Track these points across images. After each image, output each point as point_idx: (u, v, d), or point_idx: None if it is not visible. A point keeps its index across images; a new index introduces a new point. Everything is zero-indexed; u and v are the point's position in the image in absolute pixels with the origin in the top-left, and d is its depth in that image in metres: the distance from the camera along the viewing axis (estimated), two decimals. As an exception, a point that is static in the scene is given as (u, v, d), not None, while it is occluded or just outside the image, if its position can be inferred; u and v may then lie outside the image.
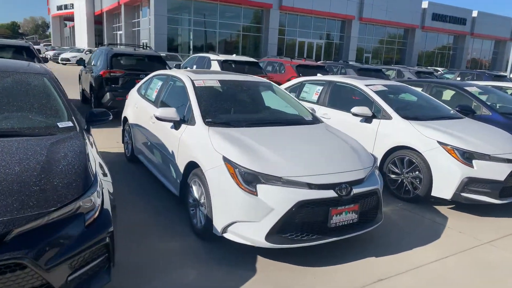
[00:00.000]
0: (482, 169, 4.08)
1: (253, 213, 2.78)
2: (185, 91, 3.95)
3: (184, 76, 4.21)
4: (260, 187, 2.80)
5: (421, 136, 4.43)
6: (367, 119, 5.01)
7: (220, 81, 4.21)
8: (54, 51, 36.91)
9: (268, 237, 2.77)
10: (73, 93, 11.74)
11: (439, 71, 25.62)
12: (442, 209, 4.35)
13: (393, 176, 4.65)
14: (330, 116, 5.50)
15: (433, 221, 4.00)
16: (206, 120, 3.51)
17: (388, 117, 4.83)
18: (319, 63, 12.56)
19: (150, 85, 5.06)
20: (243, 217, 2.81)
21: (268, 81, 4.74)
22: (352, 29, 35.04)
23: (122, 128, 5.69)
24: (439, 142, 4.27)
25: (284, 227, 2.80)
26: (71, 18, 49.31)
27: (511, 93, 8.35)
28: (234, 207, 2.83)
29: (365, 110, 4.94)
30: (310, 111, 4.33)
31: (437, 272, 3.02)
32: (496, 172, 4.07)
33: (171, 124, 3.76)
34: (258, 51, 31.31)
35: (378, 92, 5.20)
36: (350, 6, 33.75)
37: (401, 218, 4.05)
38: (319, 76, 6.42)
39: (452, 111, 5.50)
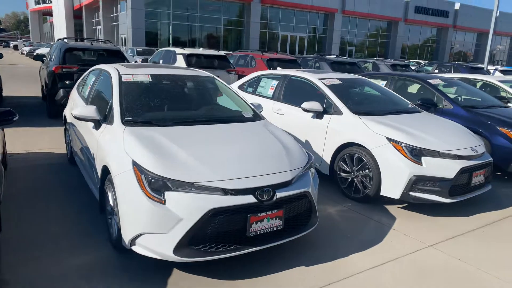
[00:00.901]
0: (431, 167, 3.86)
1: (160, 224, 2.49)
2: (111, 86, 3.63)
3: (113, 69, 3.88)
4: (168, 195, 2.51)
5: (370, 132, 4.19)
6: (318, 115, 4.75)
7: (153, 76, 3.89)
8: (31, 47, 35.95)
9: (177, 250, 2.49)
10: (36, 90, 11.27)
11: (421, 63, 25.58)
12: (392, 209, 4.13)
13: (343, 174, 4.42)
14: (284, 112, 5.23)
15: (379, 222, 3.77)
16: (125, 119, 3.19)
17: (339, 112, 4.58)
18: (292, 56, 12.27)
19: (86, 81, 4.72)
20: (150, 229, 2.52)
21: (210, 75, 4.43)
22: (335, 22, 34.82)
23: (64, 127, 5.34)
24: (388, 139, 4.03)
25: (196, 239, 2.52)
26: (50, 13, 48.10)
27: (480, 86, 8.21)
28: (140, 217, 2.54)
29: (315, 105, 4.68)
30: (253, 107, 4.05)
31: (370, 281, 2.79)
32: (446, 169, 3.86)
33: (93, 124, 3.44)
34: (240, 45, 30.89)
35: (331, 86, 4.95)
36: (333, -1, 33.54)
37: (346, 220, 3.81)
38: (277, 70, 6.14)
39: (410, 105, 5.28)
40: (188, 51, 9.72)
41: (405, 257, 3.13)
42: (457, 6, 42.07)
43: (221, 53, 10.25)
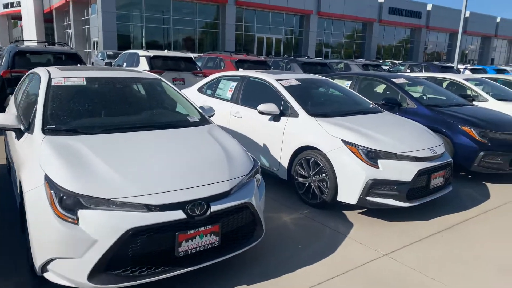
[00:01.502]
0: (388, 170, 3.67)
1: (73, 247, 2.18)
2: (38, 90, 3.29)
3: (44, 72, 3.54)
4: (82, 214, 2.21)
5: (326, 134, 3.98)
6: (275, 118, 4.52)
7: (89, 79, 3.56)
8: (-2, 52, 34.61)
9: (93, 276, 2.19)
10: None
11: (395, 63, 25.86)
12: (351, 214, 3.93)
13: (301, 179, 4.19)
14: (242, 115, 4.98)
15: (335, 230, 3.56)
16: (47, 127, 2.87)
17: (296, 115, 4.36)
18: (262, 58, 12.06)
19: (21, 85, 4.34)
20: (62, 253, 2.21)
21: (157, 77, 4.13)
22: (311, 24, 34.94)
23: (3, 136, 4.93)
24: (344, 141, 3.83)
25: (115, 262, 2.23)
26: (19, 17, 46.48)
27: (447, 84, 8.19)
28: (51, 240, 2.23)
29: (271, 108, 4.44)
30: (200, 111, 3.78)
31: (317, 298, 2.56)
32: (403, 172, 3.68)
33: (14, 133, 3.10)
34: (216, 47, 30.55)
35: (288, 87, 4.73)
36: (308, 1, 33.62)
37: (300, 229, 3.58)
38: (235, 71, 5.89)
39: (371, 105, 5.12)
40: (151, 53, 9.37)
41: (357, 269, 2.91)
42: (429, 7, 42.99)
43: (188, 55, 9.93)
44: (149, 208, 2.27)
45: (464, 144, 5.12)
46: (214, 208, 2.44)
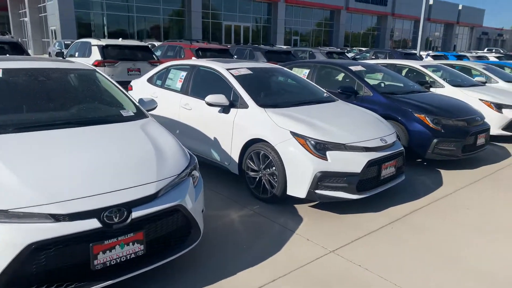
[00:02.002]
0: (336, 161, 3.54)
1: (-35, 266, 1.90)
2: None
3: (-47, 66, 3.14)
4: (-25, 227, 1.92)
5: (275, 126, 3.80)
6: (225, 109, 4.29)
7: (6, 70, 3.19)
8: None
9: (-10, 298, 1.92)
10: None
11: (362, 51, 26.10)
12: (302, 208, 3.79)
13: (251, 173, 4.01)
14: (192, 106, 4.71)
15: (283, 227, 3.40)
16: None
17: (245, 106, 4.15)
18: (224, 46, 11.72)
19: None
20: (-48, 273, 1.92)
21: (90, 67, 3.79)
22: (279, 12, 34.62)
23: None
24: (292, 133, 3.66)
25: (18, 281, 1.96)
26: (-30, 4, 43.41)
27: (406, 71, 8.20)
28: None
29: (220, 99, 4.21)
30: (137, 104, 3.50)
31: (255, 304, 2.39)
32: (352, 163, 3.56)
33: None
34: (182, 36, 29.73)
35: (239, 77, 4.50)
36: (275, -12, 33.26)
37: (248, 226, 3.40)
38: (186, 60, 5.58)
39: (325, 94, 4.98)
40: (104, 42, 8.84)
41: (301, 269, 2.77)
42: (395, -6, 43.62)
43: (142, 43, 9.47)
44: (56, 218, 2.00)
45: (419, 131, 5.09)
46: (136, 214, 2.21)
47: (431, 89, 7.35)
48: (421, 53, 19.80)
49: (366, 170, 3.59)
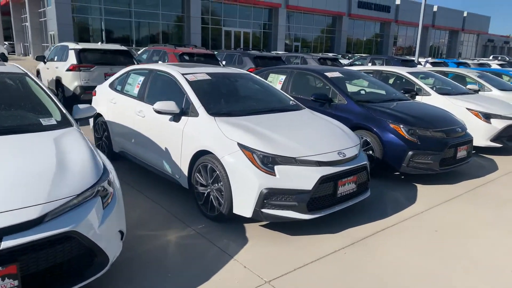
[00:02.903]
0: (286, 177, 3.18)
1: None
2: None
3: None
4: None
5: (222, 137, 3.46)
6: (175, 117, 3.96)
7: None
8: None
9: None
10: None
11: (359, 57, 25.74)
12: (251, 228, 3.43)
13: (200, 188, 3.66)
14: (145, 114, 4.39)
15: (223, 251, 3.04)
16: None
17: (196, 114, 3.82)
18: (209, 51, 11.41)
19: None
20: None
21: (20, 71, 3.49)
22: (280, 18, 34.44)
23: None
24: (240, 145, 3.32)
25: None
26: (-26, 9, 43.83)
27: (394, 79, 7.84)
28: None
29: (169, 106, 3.88)
30: (64, 111, 3.18)
31: None
32: (303, 179, 3.20)
33: None
34: (181, 41, 29.61)
35: (194, 83, 4.17)
36: (276, -6, 33.12)
37: (183, 250, 3.05)
38: (146, 64, 5.27)
39: (292, 102, 4.63)
40: (81, 45, 8.59)
41: (227, 303, 2.41)
42: (398, 1, 43.31)
43: (122, 47, 9.20)
44: None
45: (393, 142, 4.72)
46: (7, 243, 1.87)
47: (417, 97, 6.99)
48: (420, 59, 19.39)
49: (319, 187, 3.23)
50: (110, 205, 2.42)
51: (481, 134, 6.22)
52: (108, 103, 5.18)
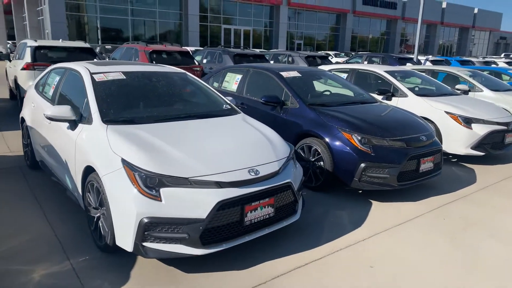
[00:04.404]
0: (174, 202, 2.55)
1: None
2: None
3: None
4: None
5: (108, 150, 2.84)
6: (71, 125, 3.37)
7: None
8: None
9: None
10: None
11: (353, 55, 24.86)
12: (145, 262, 2.81)
13: (93, 211, 3.04)
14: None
15: (87, 295, 2.44)
16: None
17: (90, 121, 3.22)
18: (183, 48, 10.77)
19: None
20: None
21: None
22: (281, 15, 33.69)
23: None
24: (123, 161, 2.70)
25: None
26: (-21, 8, 44.01)
27: (371, 78, 7.14)
28: None
29: (63, 112, 3.30)
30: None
31: None
32: (196, 205, 2.57)
33: None
34: (179, 40, 29.12)
35: (100, 83, 3.57)
36: (277, -9, 32.39)
37: (36, 294, 2.45)
38: (67, 64, 4.67)
39: (225, 106, 3.99)
40: (38, 43, 8.07)
41: None
42: (405, -3, 42.19)
43: (85, 45, 8.66)
44: None
45: (343, 153, 4.05)
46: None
47: (393, 99, 6.30)
48: (419, 57, 18.50)
49: (216, 214, 2.59)
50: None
51: (461, 140, 5.50)
52: (30, 106, 4.63)
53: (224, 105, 3.99)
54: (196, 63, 10.00)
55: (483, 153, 5.55)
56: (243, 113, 3.93)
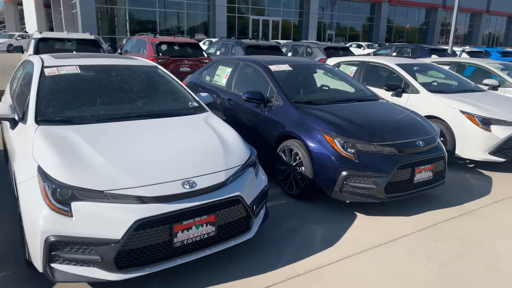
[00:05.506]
0: (86, 219, 2.19)
1: None
2: None
3: None
4: None
5: (30, 155, 2.53)
6: (11, 124, 3.11)
7: None
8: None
9: None
10: None
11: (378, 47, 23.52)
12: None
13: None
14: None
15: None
16: None
17: (25, 120, 2.93)
18: (193, 40, 10.38)
19: None
20: None
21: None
22: (312, 4, 32.61)
23: None
24: (38, 169, 2.37)
25: None
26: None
27: (382, 71, 6.46)
28: None
29: (1, 109, 3.03)
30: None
31: None
32: (110, 223, 2.19)
33: None
34: (207, 31, 28.98)
35: (48, 78, 3.28)
36: (307, -21, 31.36)
37: None
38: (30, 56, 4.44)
39: (191, 104, 3.59)
40: (43, 34, 8.04)
41: None
42: (446, -16, 39.59)
43: (91, 37, 8.53)
44: None
45: (323, 158, 3.54)
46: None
47: (404, 95, 5.64)
48: (455, 48, 17.13)
49: (134, 235, 2.21)
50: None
51: (477, 144, 4.78)
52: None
53: (190, 103, 3.59)
54: (205, 55, 9.65)
55: (503, 159, 4.80)
56: (210, 112, 3.52)
